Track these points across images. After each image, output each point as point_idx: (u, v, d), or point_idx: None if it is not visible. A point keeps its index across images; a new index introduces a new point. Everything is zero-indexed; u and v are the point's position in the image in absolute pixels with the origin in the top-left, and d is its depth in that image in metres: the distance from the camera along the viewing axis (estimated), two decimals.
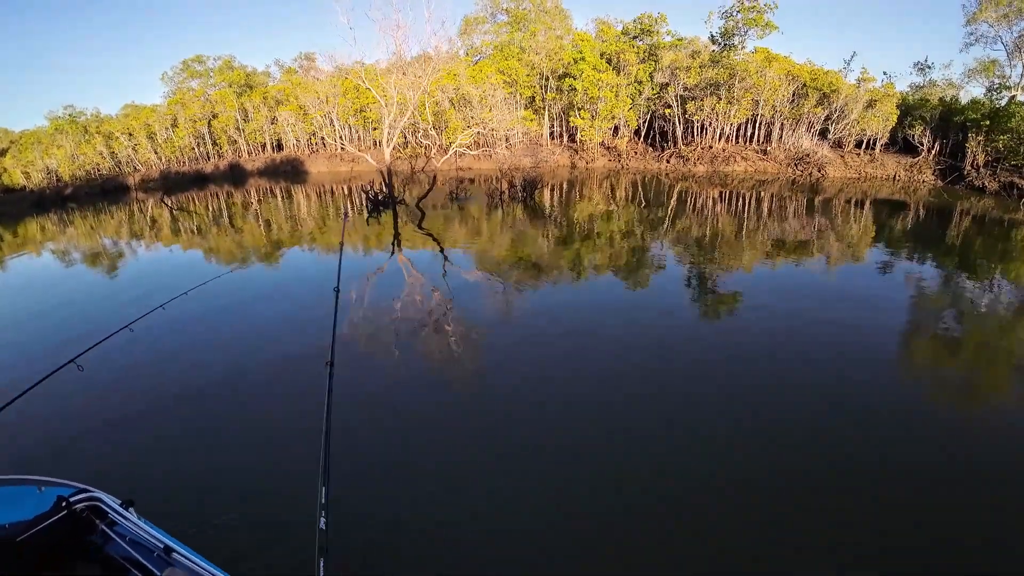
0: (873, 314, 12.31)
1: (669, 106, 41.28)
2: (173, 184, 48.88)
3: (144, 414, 8.52)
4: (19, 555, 3.12)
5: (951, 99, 37.86)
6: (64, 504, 3.42)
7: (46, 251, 24.21)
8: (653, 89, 41.59)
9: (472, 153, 32.86)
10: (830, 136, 38.98)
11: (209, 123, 52.43)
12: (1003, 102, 34.22)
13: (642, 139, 45.64)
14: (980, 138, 33.25)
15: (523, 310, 13.01)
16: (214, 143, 54.32)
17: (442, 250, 19.19)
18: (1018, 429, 7.75)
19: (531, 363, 9.91)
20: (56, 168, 50.25)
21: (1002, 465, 6.95)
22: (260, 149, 54.70)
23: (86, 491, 3.67)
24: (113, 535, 3.42)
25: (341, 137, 46.81)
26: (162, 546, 3.27)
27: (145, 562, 3.22)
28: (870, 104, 37.08)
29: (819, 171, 37.06)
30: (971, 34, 35.90)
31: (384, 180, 25.13)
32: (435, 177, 26.00)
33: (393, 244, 20.49)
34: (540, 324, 11.81)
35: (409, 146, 45.53)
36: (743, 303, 13.14)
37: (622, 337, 10.99)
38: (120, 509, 3.60)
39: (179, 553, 3.22)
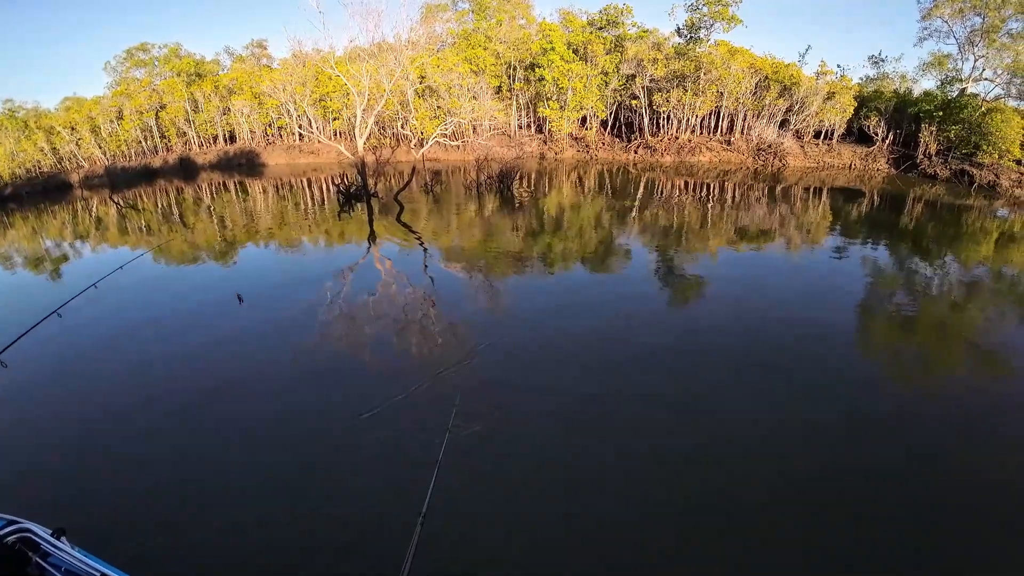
0: (836, 298, 12.99)
1: (636, 97, 41.40)
2: (119, 180, 46.31)
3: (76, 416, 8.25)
4: None
5: (905, 91, 39.23)
6: None
7: None
8: (620, 80, 41.62)
9: (453, 144, 32.21)
10: (791, 127, 39.84)
11: (157, 114, 49.64)
12: (955, 94, 35.63)
13: (609, 130, 45.73)
14: (933, 128, 34.63)
15: (511, 305, 12.68)
16: (162, 136, 51.56)
17: (423, 245, 18.59)
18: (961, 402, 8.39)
19: (520, 364, 9.67)
20: None
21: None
22: (212, 141, 52.23)
23: (15, 522, 3.47)
24: (48, 567, 3.28)
25: (305, 127, 44.91)
26: (99, 575, 3.18)
27: None
28: (829, 96, 38.04)
29: (780, 161, 37.90)
30: (925, 29, 37.25)
31: (358, 172, 24.22)
32: (414, 168, 25.36)
33: (369, 240, 19.74)
34: (531, 317, 11.62)
35: (372, 137, 44.32)
36: (714, 288, 13.56)
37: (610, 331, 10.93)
38: (52, 540, 3.44)
39: None
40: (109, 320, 12.00)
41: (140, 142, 50.89)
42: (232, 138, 52.15)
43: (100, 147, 49.90)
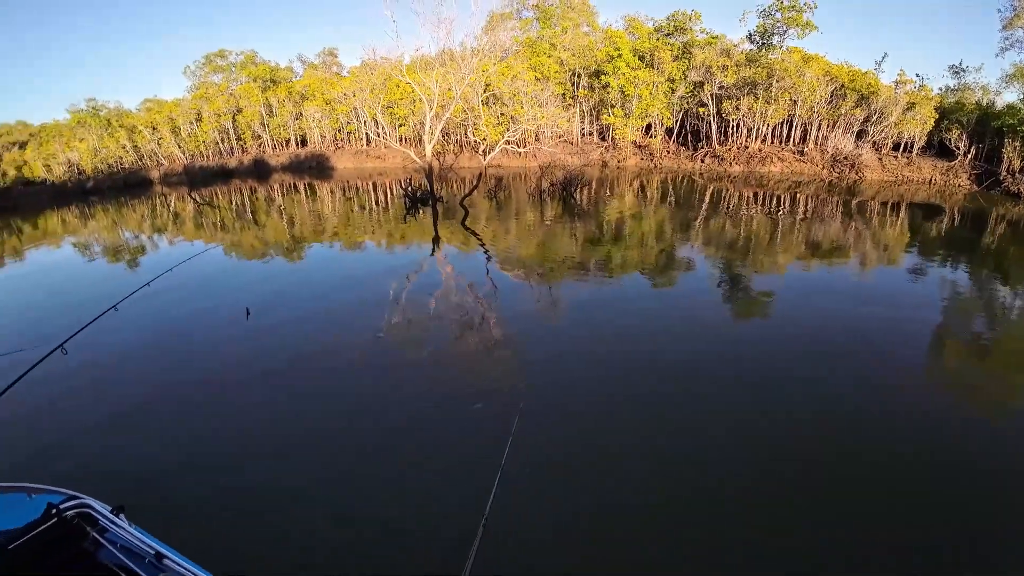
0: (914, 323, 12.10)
1: (704, 105, 40.65)
2: (197, 178, 48.79)
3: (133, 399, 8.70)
4: (11, 563, 3.14)
5: (987, 103, 37.07)
6: (54, 512, 3.45)
7: (65, 245, 24.26)
8: (687, 87, 40.96)
9: (517, 151, 32.52)
10: (868, 138, 38.22)
11: (234, 118, 52.22)
12: None
13: (674, 138, 45.03)
14: (1016, 144, 32.57)
15: (574, 313, 12.52)
16: (238, 138, 54.17)
17: (486, 250, 18.76)
18: None
19: (575, 371, 9.50)
20: (78, 161, 50.18)
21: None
22: (284, 144, 54.50)
23: (76, 498, 3.71)
24: (104, 542, 3.45)
25: (377, 134, 46.06)
26: (153, 552, 3.30)
27: (137, 568, 3.24)
28: (909, 107, 36.35)
29: (856, 173, 36.42)
30: (1006, 39, 35.04)
31: (425, 176, 24.75)
32: (480, 174, 25.69)
33: (433, 244, 20.06)
34: (587, 326, 11.48)
35: (436, 143, 45.13)
36: (777, 306, 13.08)
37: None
38: (110, 516, 3.63)
39: (170, 559, 3.27)
40: (171, 310, 12.76)
41: (217, 143, 53.55)
42: (303, 142, 54.21)
43: (179, 146, 52.78)
